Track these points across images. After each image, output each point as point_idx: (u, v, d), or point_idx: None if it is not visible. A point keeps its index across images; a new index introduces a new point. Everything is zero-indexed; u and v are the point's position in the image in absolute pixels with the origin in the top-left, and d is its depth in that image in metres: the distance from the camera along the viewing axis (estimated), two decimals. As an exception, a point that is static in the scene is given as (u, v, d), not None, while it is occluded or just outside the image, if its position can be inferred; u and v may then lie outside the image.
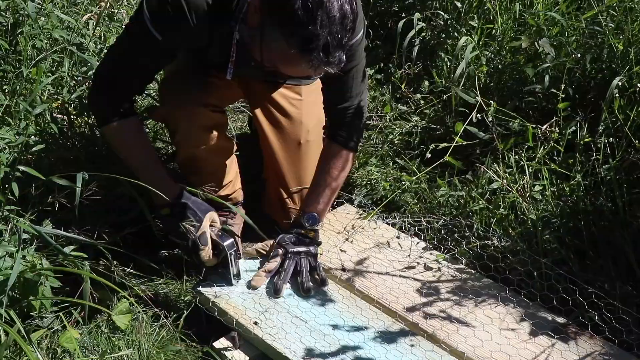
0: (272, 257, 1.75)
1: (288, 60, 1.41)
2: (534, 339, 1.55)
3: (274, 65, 1.46)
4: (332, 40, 1.34)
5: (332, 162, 1.83)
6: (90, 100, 1.73)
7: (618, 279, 1.69)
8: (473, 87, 2.30)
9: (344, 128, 1.81)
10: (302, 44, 1.34)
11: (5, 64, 2.16)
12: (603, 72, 2.20)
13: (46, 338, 1.54)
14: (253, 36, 1.47)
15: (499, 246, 1.84)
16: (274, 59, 1.45)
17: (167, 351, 1.59)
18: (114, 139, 1.69)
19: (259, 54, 1.46)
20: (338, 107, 1.79)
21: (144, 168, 1.66)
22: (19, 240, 1.46)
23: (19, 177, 1.68)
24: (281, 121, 1.95)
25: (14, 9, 2.26)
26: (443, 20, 2.75)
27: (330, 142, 1.85)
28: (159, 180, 1.65)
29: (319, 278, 1.73)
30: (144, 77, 1.66)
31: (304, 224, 1.80)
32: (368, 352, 1.50)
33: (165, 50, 1.58)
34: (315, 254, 1.78)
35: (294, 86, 1.98)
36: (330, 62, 1.36)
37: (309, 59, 1.35)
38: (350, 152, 1.84)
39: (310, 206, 1.83)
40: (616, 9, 2.24)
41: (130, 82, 1.63)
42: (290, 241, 1.78)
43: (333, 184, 1.84)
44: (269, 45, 1.42)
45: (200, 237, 1.63)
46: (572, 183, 1.94)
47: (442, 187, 2.10)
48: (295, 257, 1.75)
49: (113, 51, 1.66)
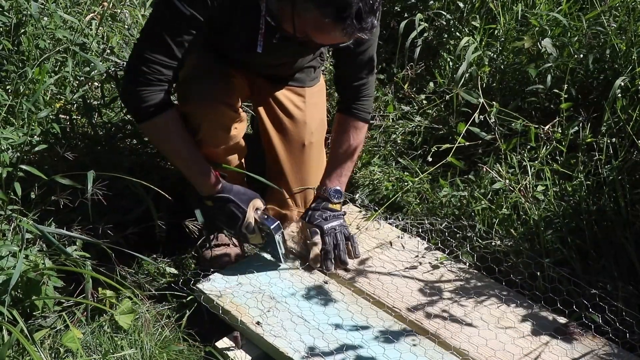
0: (312, 236, 1.81)
1: (322, 29, 1.45)
2: (537, 339, 1.54)
3: (307, 35, 1.49)
4: (364, 6, 1.38)
5: (350, 135, 1.88)
6: (125, 97, 1.67)
7: (620, 280, 1.68)
8: (475, 87, 2.30)
9: (359, 102, 1.87)
10: (336, 12, 1.38)
11: (8, 64, 2.17)
12: (605, 72, 2.20)
13: (49, 338, 1.54)
14: (283, 7, 1.50)
15: (501, 246, 1.84)
16: (308, 29, 1.48)
17: (169, 351, 1.59)
18: (154, 135, 1.70)
19: (291, 25, 1.49)
20: (354, 84, 1.84)
21: (186, 162, 1.68)
22: (22, 240, 1.47)
23: (21, 176, 1.68)
24: (285, 123, 1.96)
25: (17, 9, 2.26)
26: (445, 21, 2.75)
27: (346, 116, 1.89)
28: (202, 174, 1.69)
29: (352, 249, 1.81)
30: (175, 60, 1.60)
31: (332, 199, 1.85)
32: (371, 351, 1.50)
33: (194, 26, 1.56)
34: (346, 225, 1.84)
35: (298, 88, 1.99)
36: (363, 28, 1.40)
37: (343, 26, 1.39)
38: (366, 124, 1.91)
39: (335, 180, 1.88)
40: (619, 9, 2.24)
41: (163, 68, 1.58)
42: (322, 217, 1.82)
43: (353, 156, 1.91)
44: (302, 15, 1.45)
45: (247, 227, 1.71)
46: (575, 183, 1.94)
47: (444, 188, 2.10)
48: (332, 232, 1.80)
49: (142, 40, 1.62)
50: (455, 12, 2.72)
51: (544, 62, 2.26)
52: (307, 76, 2.01)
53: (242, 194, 1.73)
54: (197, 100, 1.73)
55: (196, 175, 1.70)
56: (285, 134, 1.97)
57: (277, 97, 1.97)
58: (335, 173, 1.89)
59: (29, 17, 2.26)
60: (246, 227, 1.71)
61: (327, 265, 1.77)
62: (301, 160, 1.98)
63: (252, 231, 1.73)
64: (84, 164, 1.86)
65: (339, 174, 1.89)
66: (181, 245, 2.00)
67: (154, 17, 1.59)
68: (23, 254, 1.44)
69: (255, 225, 1.73)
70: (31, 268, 1.48)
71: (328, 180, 1.89)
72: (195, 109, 1.73)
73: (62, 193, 1.60)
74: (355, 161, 1.94)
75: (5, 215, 1.59)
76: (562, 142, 2.02)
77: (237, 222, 1.71)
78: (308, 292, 1.70)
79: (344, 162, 1.89)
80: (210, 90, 1.75)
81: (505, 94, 2.39)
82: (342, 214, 1.87)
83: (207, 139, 1.77)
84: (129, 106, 1.69)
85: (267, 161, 2.02)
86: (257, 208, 1.74)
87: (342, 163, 1.89)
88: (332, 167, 1.91)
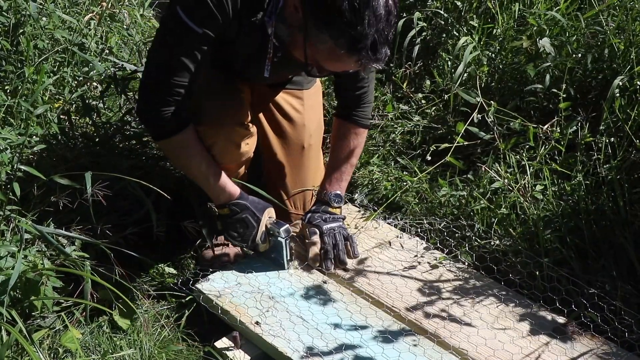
0: (311, 235, 1.82)
1: (336, 60, 1.44)
2: (535, 339, 1.54)
3: (318, 63, 1.49)
4: (379, 37, 1.36)
5: (350, 140, 1.89)
6: (145, 116, 1.65)
7: (619, 279, 1.69)
8: (474, 87, 2.30)
9: (359, 109, 1.88)
10: (350, 44, 1.36)
11: (7, 64, 2.17)
12: (604, 71, 2.20)
13: (48, 338, 1.54)
14: (293, 35, 1.49)
15: (500, 246, 1.85)
16: (320, 59, 1.47)
17: (168, 351, 1.59)
18: (173, 152, 1.70)
19: (302, 53, 1.47)
20: (356, 93, 1.84)
21: (203, 176, 1.69)
22: (21, 240, 1.47)
23: (20, 177, 1.68)
24: (284, 126, 1.97)
25: (16, 9, 2.26)
26: (443, 20, 2.75)
27: (345, 122, 1.90)
28: (218, 186, 1.69)
29: (351, 249, 1.82)
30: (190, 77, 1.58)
31: (332, 203, 1.86)
32: (370, 351, 1.51)
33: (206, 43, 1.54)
34: (345, 227, 1.86)
35: (296, 90, 1.99)
36: (378, 58, 1.39)
37: (358, 57, 1.38)
38: (366, 129, 1.93)
39: (335, 185, 1.89)
40: (617, 8, 2.24)
41: (179, 88, 1.56)
42: (322, 219, 1.84)
43: (353, 160, 1.92)
44: (315, 45, 1.43)
45: (261, 237, 1.74)
46: (573, 183, 1.94)
47: (443, 187, 2.10)
48: (331, 233, 1.82)
49: (154, 58, 1.61)
50: (453, 11, 2.72)
51: (542, 62, 2.26)
52: (304, 79, 2.01)
53: (257, 203, 1.74)
54: (208, 121, 1.70)
55: (214, 187, 1.70)
56: (284, 138, 1.97)
57: (276, 101, 1.97)
58: (335, 177, 1.90)
59: (27, 17, 2.26)
60: (260, 236, 1.73)
61: (326, 264, 1.78)
62: (300, 162, 1.99)
63: (264, 241, 1.75)
64: (83, 164, 1.86)
65: (338, 178, 1.90)
66: (180, 246, 2.01)
67: (164, 35, 1.57)
68: (22, 254, 1.44)
69: (265, 232, 1.74)
70: (30, 268, 1.48)
71: (328, 184, 1.89)
72: (207, 130, 1.71)
73: (61, 194, 1.60)
74: (355, 165, 1.95)
75: (4, 215, 1.59)
76: (560, 142, 2.02)
77: (252, 231, 1.72)
78: (307, 292, 1.70)
79: (343, 166, 1.90)
80: (222, 109, 1.72)
81: (503, 94, 2.39)
82: (341, 217, 1.87)
83: (220, 157, 1.76)
84: (148, 125, 1.69)
85: (266, 165, 2.02)
86: (269, 217, 1.76)
87: (342, 167, 1.90)
88: (332, 171, 1.91)
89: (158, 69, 1.57)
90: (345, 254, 1.80)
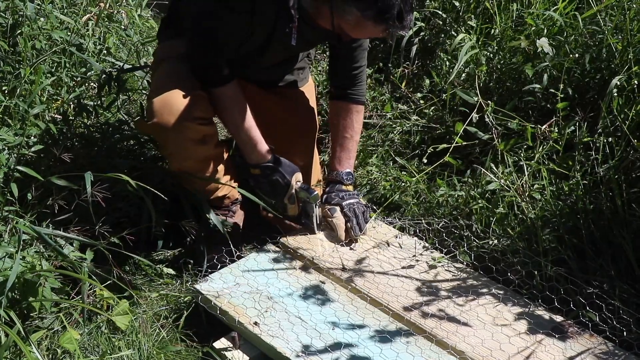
0: (332, 214, 1.89)
1: (363, 30, 1.52)
2: (533, 338, 1.55)
3: (342, 31, 1.56)
4: (404, 6, 1.44)
5: (352, 119, 1.96)
6: (203, 63, 1.74)
7: (617, 278, 1.69)
8: (473, 87, 2.30)
9: (355, 87, 1.94)
10: (377, 15, 1.44)
11: (4, 65, 2.16)
12: (602, 71, 2.20)
13: (46, 339, 1.54)
14: (319, 7, 1.57)
15: (498, 245, 1.85)
16: (347, 28, 1.54)
17: (167, 351, 1.59)
18: (222, 102, 1.76)
19: (329, 23, 1.55)
20: (352, 73, 1.91)
21: (241, 129, 1.77)
22: (19, 241, 1.46)
23: (18, 177, 1.68)
24: (278, 126, 1.97)
25: (14, 9, 2.26)
26: (442, 20, 2.75)
27: (344, 102, 1.96)
28: (253, 143, 1.78)
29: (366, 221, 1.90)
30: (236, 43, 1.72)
31: (344, 181, 1.96)
32: (368, 350, 1.51)
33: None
34: (362, 203, 1.95)
35: (288, 90, 2.01)
36: (404, 26, 1.47)
37: (385, 26, 1.46)
38: (363, 105, 2.00)
39: (345, 163, 1.98)
40: (615, 8, 2.25)
41: (227, 50, 1.72)
42: (339, 197, 1.93)
43: (356, 137, 2.00)
44: (342, 17, 1.51)
45: (289, 198, 1.82)
46: (572, 182, 1.94)
47: (441, 187, 2.10)
48: (351, 207, 1.90)
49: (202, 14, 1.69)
50: (452, 11, 2.73)
51: (540, 62, 2.26)
52: (296, 77, 2.02)
53: (287, 165, 1.82)
54: (161, 116, 1.69)
55: (250, 142, 1.78)
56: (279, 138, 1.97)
57: (268, 104, 1.97)
58: (343, 156, 1.97)
59: (25, 17, 2.25)
60: (289, 197, 1.81)
61: (355, 232, 1.86)
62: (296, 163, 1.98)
63: (292, 202, 1.83)
64: (81, 165, 1.85)
65: (347, 157, 1.97)
66: (179, 246, 2.01)
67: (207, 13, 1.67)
68: (20, 255, 1.44)
69: (295, 195, 1.82)
70: (28, 269, 1.48)
71: (338, 164, 1.97)
72: (160, 126, 1.69)
73: (59, 195, 1.60)
74: (358, 140, 2.03)
75: (1, 216, 1.59)
76: (558, 142, 2.02)
77: (281, 192, 1.81)
78: (305, 292, 1.70)
79: (350, 145, 1.97)
80: (175, 106, 1.70)
81: (502, 94, 2.39)
82: (356, 193, 1.95)
83: (175, 154, 1.78)
84: (207, 72, 1.75)
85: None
86: (297, 180, 1.83)
87: (349, 145, 1.97)
88: (340, 151, 1.97)
89: (210, 31, 1.68)
90: (364, 223, 1.89)
